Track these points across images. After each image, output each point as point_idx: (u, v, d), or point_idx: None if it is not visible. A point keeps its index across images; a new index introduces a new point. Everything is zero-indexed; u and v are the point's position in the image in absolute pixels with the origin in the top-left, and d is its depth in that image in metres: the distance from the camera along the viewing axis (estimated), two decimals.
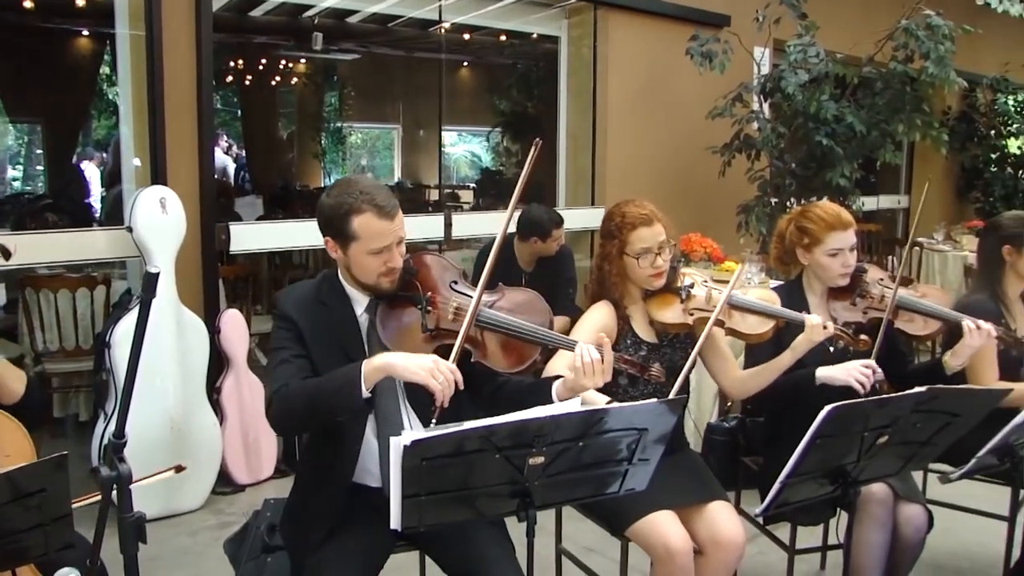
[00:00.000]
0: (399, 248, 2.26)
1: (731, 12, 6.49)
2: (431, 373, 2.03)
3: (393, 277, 2.27)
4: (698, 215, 6.13)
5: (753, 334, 2.74)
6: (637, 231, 2.68)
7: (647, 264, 2.69)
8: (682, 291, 2.75)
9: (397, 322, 2.28)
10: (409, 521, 1.87)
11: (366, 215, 2.19)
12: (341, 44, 11.10)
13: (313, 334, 2.28)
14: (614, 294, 2.75)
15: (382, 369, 2.07)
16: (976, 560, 3.72)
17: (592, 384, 2.17)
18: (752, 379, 2.83)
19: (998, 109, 10.11)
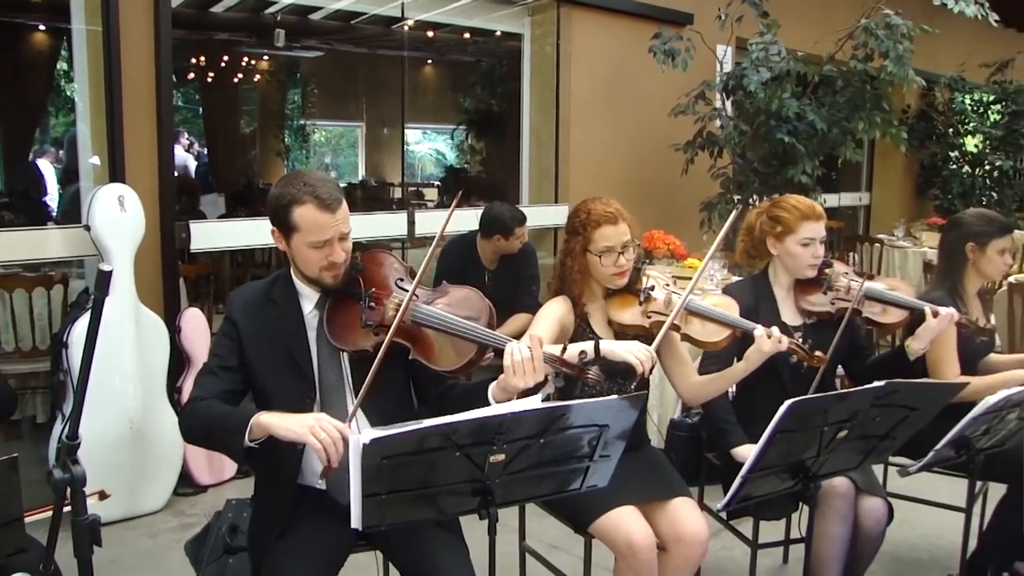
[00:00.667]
0: (342, 244, 2.23)
1: (694, 10, 6.52)
2: (311, 431, 1.98)
3: (335, 272, 2.25)
4: (661, 212, 6.16)
5: (708, 342, 2.71)
6: (601, 229, 2.66)
7: (609, 263, 2.67)
8: (642, 293, 2.73)
9: (341, 318, 2.27)
10: (370, 520, 1.87)
11: (307, 206, 2.17)
12: (304, 41, 11.02)
13: (257, 336, 2.28)
14: (575, 291, 2.73)
15: (264, 427, 2.05)
16: (935, 551, 3.77)
17: (523, 383, 2.14)
18: (706, 386, 2.82)
19: (955, 108, 10.26)
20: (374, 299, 2.27)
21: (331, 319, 2.27)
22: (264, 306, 2.31)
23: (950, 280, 3.33)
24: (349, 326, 2.25)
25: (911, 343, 2.96)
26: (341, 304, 2.29)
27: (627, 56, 6.29)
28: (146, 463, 4.03)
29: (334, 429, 1.99)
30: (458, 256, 4.85)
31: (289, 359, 2.27)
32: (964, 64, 9.88)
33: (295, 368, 2.28)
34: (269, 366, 2.26)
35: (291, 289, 2.33)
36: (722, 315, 2.71)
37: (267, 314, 2.30)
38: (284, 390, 2.26)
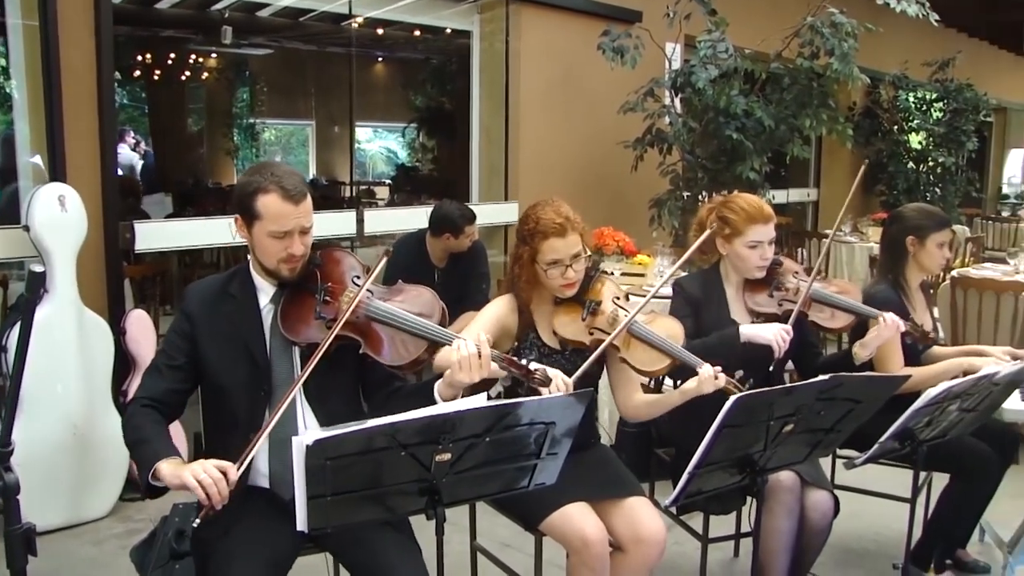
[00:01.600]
0: (302, 238, 2.25)
1: (643, 8, 6.55)
2: (192, 473, 1.97)
3: (293, 265, 2.27)
4: (611, 209, 6.18)
5: (644, 370, 2.63)
6: (549, 241, 2.58)
7: (557, 275, 2.61)
8: (587, 307, 2.65)
9: (296, 311, 2.28)
10: (316, 522, 1.85)
11: (271, 196, 2.20)
12: (252, 38, 10.89)
13: (213, 328, 2.30)
14: (523, 297, 2.69)
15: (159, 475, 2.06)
16: (881, 541, 3.83)
17: (469, 379, 2.14)
18: (645, 408, 2.77)
19: (900, 105, 10.43)
20: (329, 294, 2.28)
21: (286, 312, 2.28)
22: (221, 299, 2.33)
23: (892, 273, 3.39)
24: (303, 319, 2.26)
25: (858, 351, 2.99)
26: (297, 298, 2.30)
27: (576, 53, 6.30)
28: (90, 468, 3.95)
29: (215, 470, 1.97)
30: (408, 254, 4.82)
31: (245, 352, 2.28)
32: (907, 63, 10.06)
33: (250, 361, 2.28)
34: (224, 359, 2.27)
35: (249, 283, 2.34)
36: (665, 344, 2.60)
37: (224, 307, 2.31)
38: (238, 383, 2.27)
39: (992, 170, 15.96)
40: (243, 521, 2.23)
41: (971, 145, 10.49)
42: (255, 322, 2.31)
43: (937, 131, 10.31)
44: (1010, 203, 15.41)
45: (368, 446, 1.79)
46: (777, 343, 2.84)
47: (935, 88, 10.50)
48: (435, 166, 12.60)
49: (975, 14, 10.66)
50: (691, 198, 5.95)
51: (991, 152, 15.65)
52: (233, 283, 2.35)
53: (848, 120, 7.27)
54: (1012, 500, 3.57)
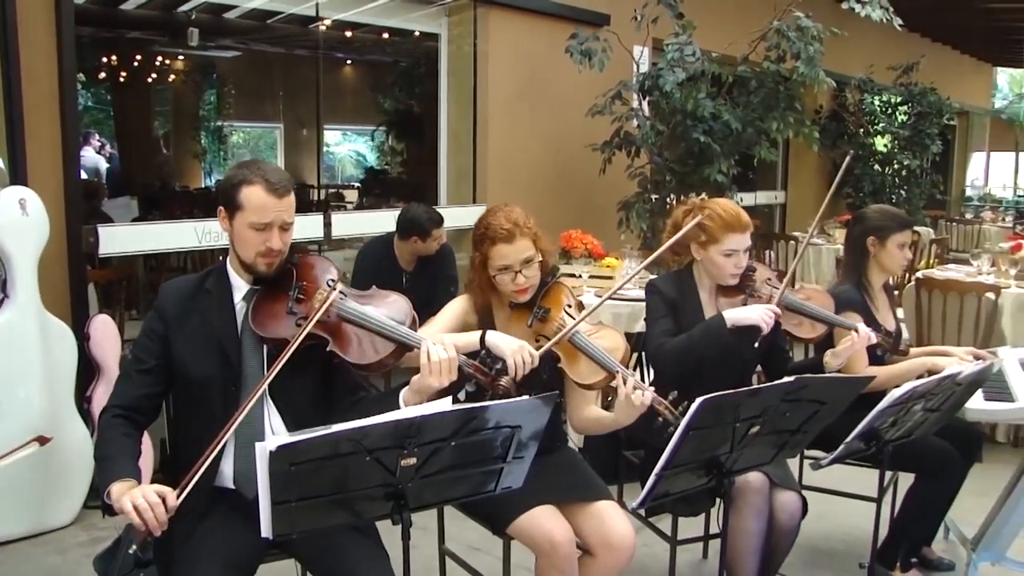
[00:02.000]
0: (282, 234, 2.28)
1: (610, 11, 6.57)
2: (131, 499, 1.96)
3: (271, 260, 2.29)
4: (579, 212, 6.19)
5: (580, 382, 2.53)
6: (497, 247, 2.57)
7: (507, 281, 2.59)
8: (536, 313, 2.62)
9: (268, 307, 2.30)
10: (281, 528, 1.84)
11: (255, 187, 2.24)
12: (219, 40, 10.81)
13: (185, 326, 2.31)
14: (479, 301, 2.70)
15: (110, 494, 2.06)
16: (849, 541, 3.86)
17: (437, 383, 2.14)
18: (593, 425, 2.74)
19: (865, 108, 10.55)
20: (303, 292, 2.31)
21: (258, 308, 2.30)
22: (197, 295, 2.35)
23: (855, 274, 3.42)
24: (274, 315, 2.28)
25: (830, 360, 3.01)
26: (270, 295, 2.32)
27: (544, 56, 6.30)
28: (54, 476, 3.89)
29: (153, 495, 1.96)
30: (375, 257, 4.80)
31: (217, 347, 2.29)
32: (872, 67, 10.17)
33: (221, 356, 2.29)
34: (196, 355, 2.28)
35: (224, 280, 2.36)
36: (604, 359, 2.50)
37: (198, 303, 2.33)
38: (209, 379, 2.28)
39: (956, 173, 16.20)
40: (207, 526, 2.22)
41: (935, 148, 10.63)
42: (228, 318, 2.33)
43: (902, 134, 10.44)
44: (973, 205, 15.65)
45: (333, 451, 1.78)
46: (764, 321, 2.83)
47: (899, 92, 10.63)
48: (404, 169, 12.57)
49: (938, 19, 10.80)
50: (659, 201, 5.97)
51: (954, 155, 15.87)
52: (209, 280, 2.37)
53: (815, 123, 7.35)
54: (976, 498, 3.61)
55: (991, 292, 4.91)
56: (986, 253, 5.94)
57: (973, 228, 11.23)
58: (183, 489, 2.01)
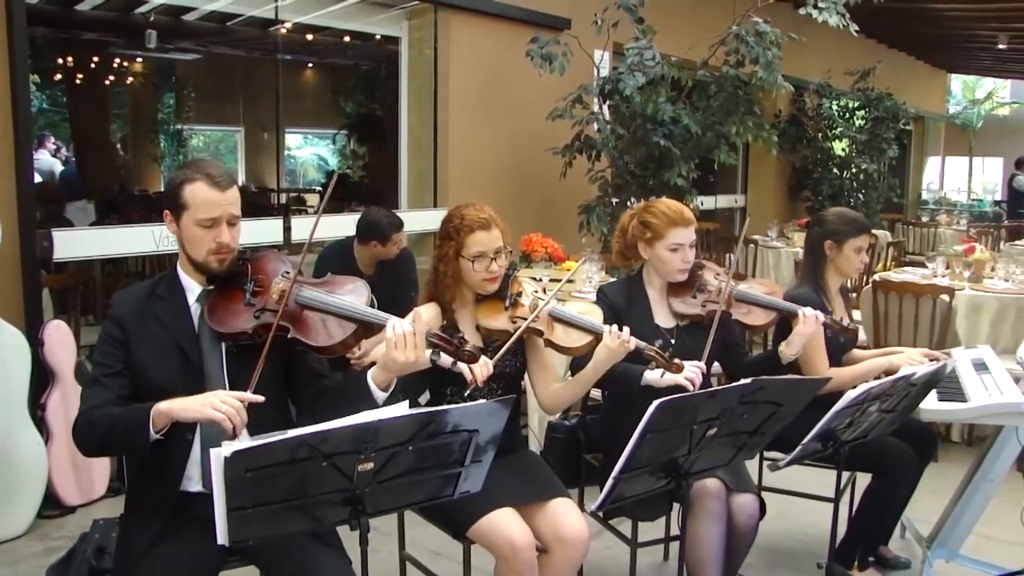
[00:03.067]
0: (231, 230, 2.28)
1: (571, 15, 6.58)
2: (212, 407, 2.03)
3: (222, 256, 2.28)
4: (540, 215, 6.20)
5: (570, 347, 2.72)
6: (475, 234, 2.68)
7: (482, 268, 2.69)
8: (509, 298, 2.75)
9: (224, 304, 2.30)
10: (237, 535, 1.82)
11: (198, 184, 2.24)
12: (178, 43, 10.70)
13: (143, 332, 2.29)
14: (446, 296, 2.74)
15: (166, 414, 2.09)
16: (807, 541, 3.89)
17: (404, 358, 2.15)
18: (561, 392, 2.84)
19: (823, 113, 10.67)
20: (259, 284, 2.31)
21: (214, 306, 2.29)
22: (149, 302, 2.33)
23: (813, 277, 3.45)
24: (231, 311, 2.27)
25: (784, 349, 3.04)
26: (225, 292, 2.32)
27: (505, 60, 6.30)
28: (6, 485, 3.82)
29: (233, 399, 2.03)
30: (335, 261, 4.76)
31: (177, 351, 2.28)
32: (830, 72, 10.30)
33: (183, 359, 2.28)
34: (157, 361, 2.26)
35: (176, 284, 2.35)
36: (584, 321, 2.71)
37: (153, 309, 2.31)
38: (173, 384, 2.24)
39: (912, 177, 16.43)
40: (170, 533, 2.19)
41: (892, 152, 10.77)
42: (185, 320, 2.32)
43: (859, 139, 10.56)
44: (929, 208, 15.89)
45: (289, 456, 1.77)
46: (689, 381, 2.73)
47: (857, 97, 10.77)
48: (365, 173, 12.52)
49: (893, 26, 10.96)
50: (620, 204, 5.99)
51: (910, 160, 16.10)
52: (160, 286, 2.35)
53: (773, 127, 7.41)
54: (931, 497, 3.66)
55: (946, 294, 4.98)
56: (941, 256, 6.02)
57: (929, 231, 11.38)
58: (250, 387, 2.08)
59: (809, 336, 3.04)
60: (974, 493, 3.25)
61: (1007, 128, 19.69)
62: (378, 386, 2.21)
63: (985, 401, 3.00)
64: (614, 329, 2.64)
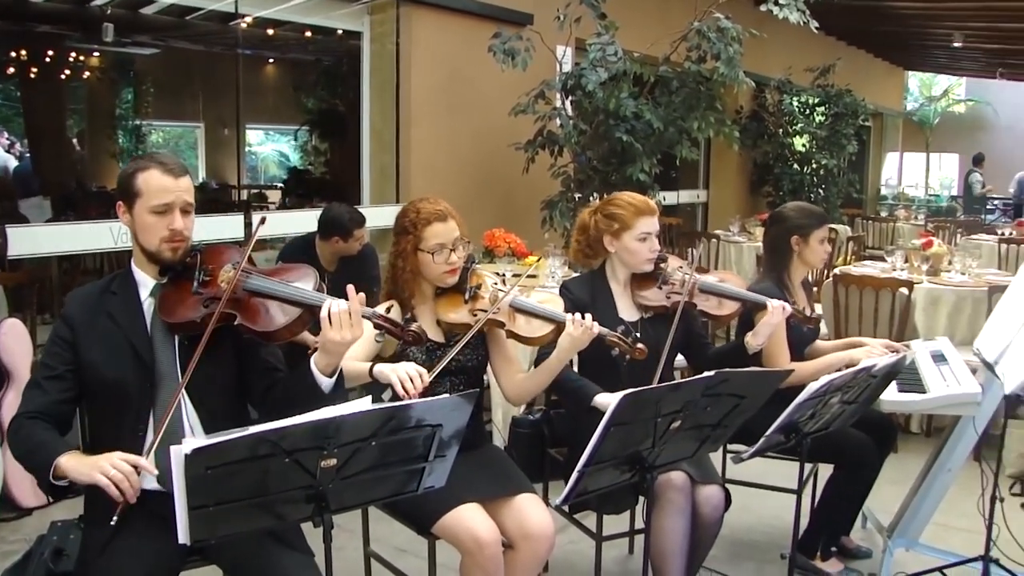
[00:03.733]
0: (185, 218, 2.26)
1: (533, 11, 6.58)
2: (101, 471, 1.97)
3: (176, 244, 2.27)
4: (502, 211, 6.20)
5: (533, 337, 2.72)
6: (432, 227, 2.68)
7: (441, 260, 2.69)
8: (468, 291, 2.74)
9: (174, 296, 2.29)
10: (199, 534, 1.79)
11: (150, 171, 2.24)
12: (136, 37, 10.54)
13: (94, 330, 2.27)
14: (404, 292, 2.73)
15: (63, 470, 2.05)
16: (771, 532, 3.92)
17: (341, 337, 2.14)
18: (527, 382, 2.85)
19: (784, 109, 10.76)
20: (209, 274, 2.30)
21: (164, 299, 2.28)
22: (103, 299, 2.31)
23: (776, 271, 3.47)
24: (181, 301, 2.26)
25: (750, 339, 3.06)
26: (176, 285, 2.30)
27: (467, 55, 6.29)
28: None
29: (125, 464, 1.98)
30: (296, 258, 4.73)
31: (128, 347, 2.26)
32: (791, 68, 10.39)
33: (134, 355, 2.25)
34: (108, 357, 2.24)
35: (130, 279, 2.33)
36: (545, 310, 2.72)
37: (105, 306, 2.29)
38: (124, 380, 2.23)
39: (871, 172, 16.65)
40: (125, 534, 2.15)
41: (851, 148, 10.89)
42: (137, 316, 2.29)
43: (819, 134, 10.68)
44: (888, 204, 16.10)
45: (250, 453, 1.74)
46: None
47: (817, 93, 10.88)
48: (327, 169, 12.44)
49: (852, 23, 11.08)
50: (582, 200, 6.00)
51: (870, 155, 16.31)
52: (114, 283, 2.34)
53: (735, 123, 7.47)
54: (891, 487, 3.71)
55: (904, 287, 5.04)
56: (900, 250, 6.11)
57: (888, 226, 11.53)
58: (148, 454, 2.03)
59: (775, 326, 3.06)
60: (933, 483, 3.29)
61: (963, 125, 19.98)
62: (322, 372, 2.19)
63: (943, 392, 3.03)
64: (577, 316, 2.64)
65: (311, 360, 2.20)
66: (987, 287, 5.09)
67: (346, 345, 2.16)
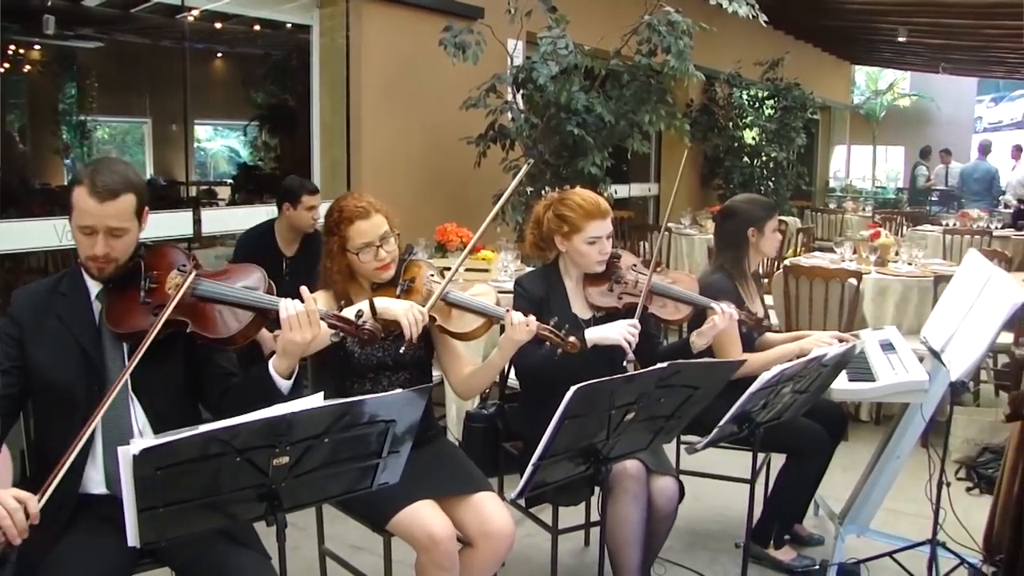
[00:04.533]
0: (110, 240, 2.17)
1: (484, 4, 6.55)
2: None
3: (99, 266, 2.20)
4: (454, 205, 6.17)
5: (464, 332, 2.68)
6: (355, 225, 2.64)
7: (369, 258, 2.65)
8: (401, 285, 2.71)
9: (121, 303, 2.23)
10: (148, 536, 1.76)
11: (80, 188, 2.15)
12: (78, 30, 10.33)
13: (42, 330, 2.23)
14: (338, 293, 2.70)
15: None
16: (725, 522, 3.96)
17: (300, 338, 2.13)
18: (473, 378, 2.83)
19: (734, 102, 10.85)
20: (155, 281, 2.24)
21: (111, 306, 2.22)
22: (51, 299, 2.26)
23: (729, 263, 3.50)
24: (128, 310, 2.20)
25: (695, 340, 3.07)
26: (123, 291, 2.24)
27: (418, 49, 6.25)
28: None
29: (11, 500, 1.84)
30: (255, 243, 4.77)
31: (77, 348, 2.21)
32: (741, 62, 10.48)
33: (82, 357, 2.21)
34: (56, 359, 2.20)
35: (79, 280, 2.27)
36: (478, 304, 2.67)
37: (54, 306, 2.25)
38: (72, 382, 2.19)
39: (819, 165, 16.86)
40: (72, 537, 2.12)
41: (800, 141, 11.01)
42: (86, 317, 2.24)
43: (769, 127, 10.78)
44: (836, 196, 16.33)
45: (201, 452, 1.72)
46: (625, 340, 2.87)
47: (766, 87, 10.99)
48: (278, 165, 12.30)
49: (800, 17, 11.21)
50: (534, 193, 5.99)
51: (818, 148, 16.52)
52: (63, 282, 2.30)
53: (686, 116, 7.51)
54: (842, 474, 3.77)
55: (853, 278, 5.12)
56: (848, 241, 6.19)
57: (837, 217, 11.69)
58: (43, 493, 1.90)
59: (721, 330, 3.08)
60: (883, 470, 3.35)
61: (908, 118, 20.33)
62: (280, 374, 2.18)
63: (891, 380, 3.09)
64: (518, 317, 2.60)
65: (269, 363, 2.18)
66: (933, 277, 5.18)
67: (305, 345, 2.15)
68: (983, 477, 4.39)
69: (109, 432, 2.15)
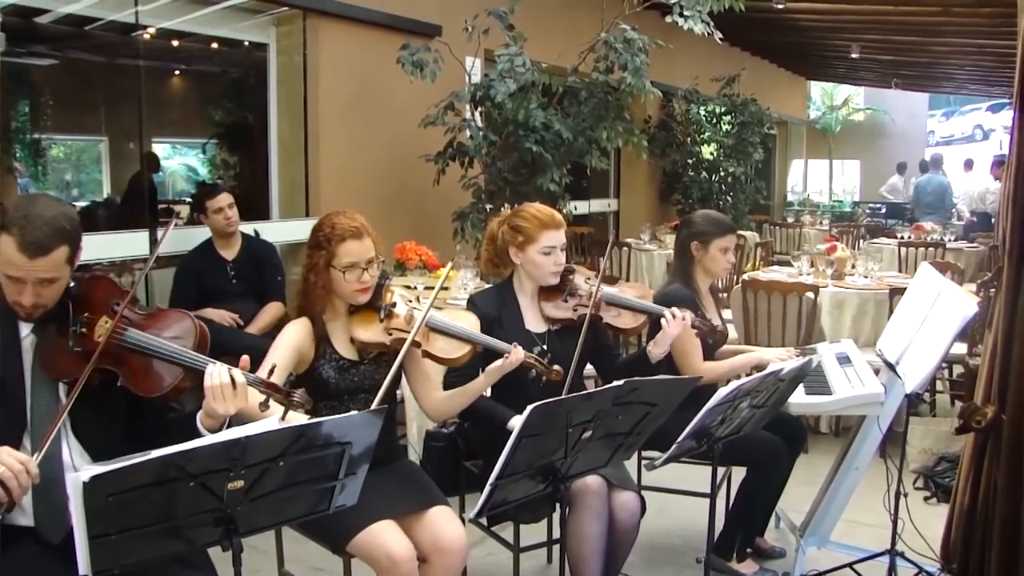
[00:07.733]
0: (40, 288, 2.07)
1: (442, 22, 6.56)
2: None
3: (26, 312, 2.10)
4: (413, 223, 6.17)
5: (449, 358, 2.72)
6: (346, 244, 2.62)
7: (353, 279, 2.64)
8: (383, 309, 2.70)
9: (51, 345, 2.14)
10: (101, 564, 1.72)
11: (7, 238, 2.02)
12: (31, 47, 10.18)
13: None
14: (316, 307, 2.67)
15: None
16: (688, 536, 3.97)
17: (224, 410, 2.05)
18: (448, 402, 2.84)
19: (692, 118, 10.93)
20: (86, 324, 2.14)
21: (42, 347, 2.13)
22: None
23: (682, 276, 3.53)
24: (58, 353, 2.11)
25: (652, 349, 3.09)
26: (53, 331, 2.15)
27: (376, 67, 6.24)
28: None
29: (15, 461, 1.84)
30: (198, 256, 4.84)
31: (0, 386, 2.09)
32: (698, 78, 10.58)
33: (4, 398, 2.10)
34: None
35: (8, 313, 2.14)
36: (464, 331, 2.72)
37: None
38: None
39: (777, 179, 17.05)
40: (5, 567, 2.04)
41: (757, 156, 11.13)
42: (12, 354, 2.13)
43: (727, 143, 10.89)
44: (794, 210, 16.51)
45: (153, 478, 1.68)
46: None
47: (723, 102, 11.09)
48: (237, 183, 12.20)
49: (755, 34, 11.35)
50: (493, 211, 6.00)
51: (775, 163, 16.71)
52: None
53: (644, 132, 7.55)
54: (802, 487, 3.79)
55: (811, 292, 5.17)
56: (806, 255, 6.26)
57: (794, 231, 11.83)
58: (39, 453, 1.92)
59: (675, 336, 3.10)
60: (841, 481, 3.38)
61: (862, 132, 20.69)
62: (208, 430, 2.09)
63: (848, 393, 3.12)
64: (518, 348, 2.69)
65: (197, 417, 2.12)
66: (888, 289, 5.25)
67: (227, 417, 2.07)
68: (940, 486, 4.44)
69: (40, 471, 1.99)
